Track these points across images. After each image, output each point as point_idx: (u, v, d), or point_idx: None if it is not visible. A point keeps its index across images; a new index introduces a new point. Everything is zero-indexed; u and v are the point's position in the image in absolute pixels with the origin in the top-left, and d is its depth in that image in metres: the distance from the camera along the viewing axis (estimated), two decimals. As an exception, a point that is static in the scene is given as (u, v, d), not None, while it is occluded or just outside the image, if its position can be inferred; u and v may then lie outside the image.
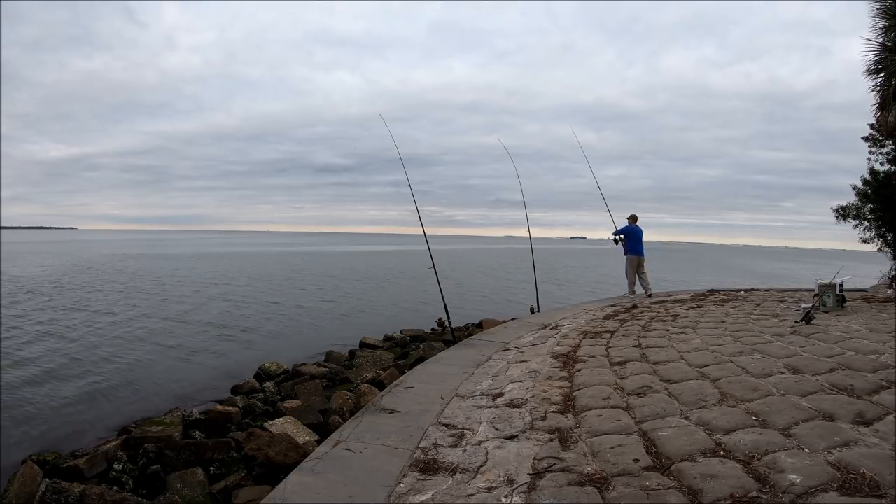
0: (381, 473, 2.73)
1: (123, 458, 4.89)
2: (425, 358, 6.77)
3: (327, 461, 2.91)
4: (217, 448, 5.04)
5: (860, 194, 10.89)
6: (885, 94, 7.65)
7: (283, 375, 8.29)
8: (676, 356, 4.69)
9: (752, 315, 6.98)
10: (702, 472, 2.40)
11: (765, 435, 2.75)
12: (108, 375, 8.53)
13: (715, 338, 5.40)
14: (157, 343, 10.97)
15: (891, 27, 7.54)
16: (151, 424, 5.60)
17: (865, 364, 3.85)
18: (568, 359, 4.96)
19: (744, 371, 3.96)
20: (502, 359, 5.30)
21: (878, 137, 10.30)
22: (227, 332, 12.37)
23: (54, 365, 9.03)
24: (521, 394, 3.94)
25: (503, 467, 2.70)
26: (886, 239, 10.69)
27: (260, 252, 58.12)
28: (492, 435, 3.17)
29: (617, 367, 4.48)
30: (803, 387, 3.44)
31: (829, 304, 6.79)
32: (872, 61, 7.71)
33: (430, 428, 3.37)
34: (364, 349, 10.09)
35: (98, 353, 9.97)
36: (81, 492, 4.10)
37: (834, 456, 2.44)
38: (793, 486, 2.20)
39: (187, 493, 4.36)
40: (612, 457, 2.69)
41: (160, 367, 9.12)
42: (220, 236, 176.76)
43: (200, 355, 10.14)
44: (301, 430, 5.29)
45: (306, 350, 10.55)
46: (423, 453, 2.96)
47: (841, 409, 2.98)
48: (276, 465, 4.47)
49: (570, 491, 2.38)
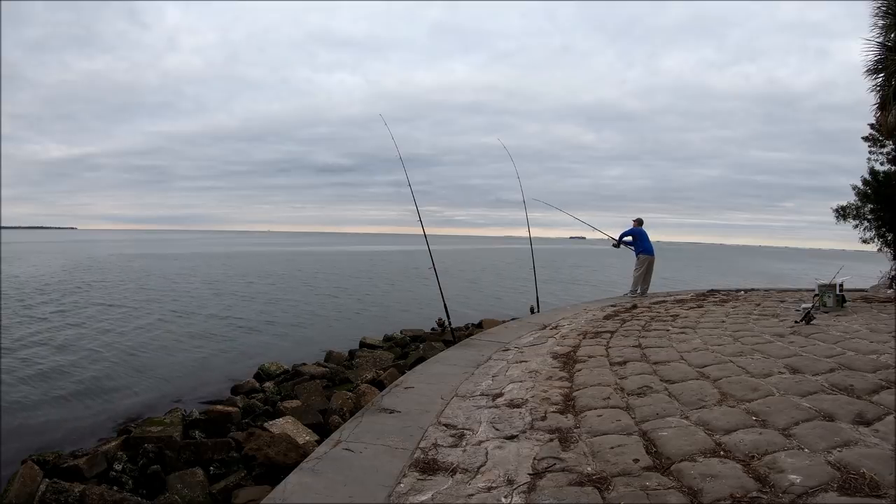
0: (381, 473, 2.73)
1: (123, 458, 4.89)
2: (425, 358, 6.76)
3: (327, 461, 2.91)
4: (217, 448, 5.03)
5: (860, 194, 10.89)
6: (885, 94, 7.65)
7: (283, 375, 8.29)
8: (676, 356, 4.69)
9: (752, 315, 6.98)
10: (702, 472, 2.40)
11: (765, 435, 2.75)
12: (109, 375, 8.53)
13: (715, 338, 5.40)
14: (158, 343, 10.98)
15: (891, 27, 7.53)
16: (151, 424, 5.60)
17: (865, 364, 3.85)
18: (568, 359, 4.96)
19: (744, 371, 3.96)
20: (502, 359, 5.29)
21: (878, 137, 10.30)
22: (227, 333, 12.37)
23: (54, 364, 9.03)
24: (521, 394, 3.94)
25: (503, 467, 2.70)
26: (886, 239, 10.69)
27: (259, 252, 58.11)
28: (492, 435, 3.17)
29: (617, 367, 4.48)
30: (803, 387, 3.44)
31: (829, 304, 6.79)
32: (872, 61, 7.71)
33: (430, 428, 3.37)
34: (364, 349, 10.09)
35: (98, 352, 9.97)
36: (81, 492, 4.10)
37: (834, 456, 2.44)
38: (793, 486, 2.20)
39: (187, 493, 4.36)
40: (612, 457, 2.69)
41: (160, 367, 9.11)
42: (219, 236, 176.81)
43: (200, 355, 10.14)
44: (301, 430, 5.28)
45: (306, 350, 10.55)
46: (423, 453, 2.96)
47: (841, 409, 2.98)
48: (276, 465, 4.47)
49: (570, 491, 2.38)
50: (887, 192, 10.18)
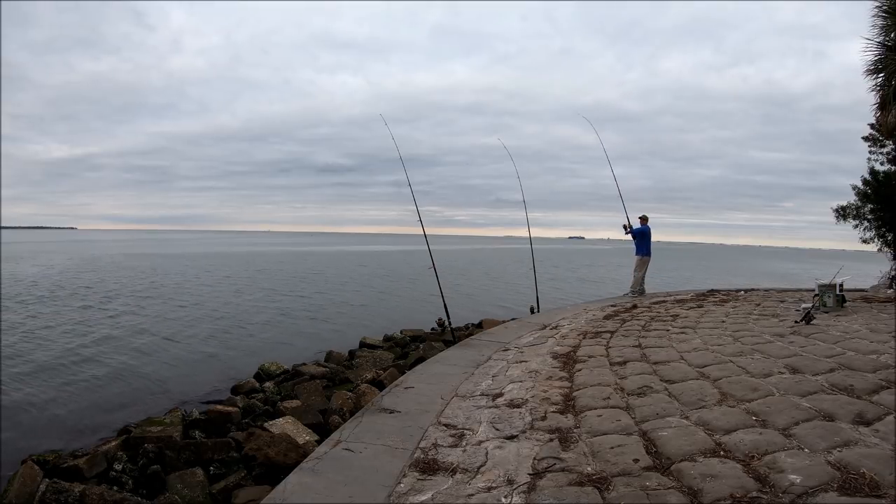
0: (381, 473, 2.73)
1: (123, 458, 4.89)
2: (425, 358, 6.76)
3: (327, 461, 2.91)
4: (217, 448, 5.03)
5: (860, 194, 10.89)
6: (885, 94, 7.63)
7: (283, 375, 8.29)
8: (676, 356, 4.69)
9: (752, 315, 6.98)
10: (702, 472, 2.40)
11: (765, 435, 2.75)
12: (109, 375, 8.53)
13: (715, 338, 5.40)
14: (158, 343, 10.97)
15: (891, 26, 7.52)
16: (151, 424, 5.60)
17: (865, 364, 3.85)
18: (568, 359, 4.96)
19: (744, 371, 3.96)
20: (502, 359, 5.29)
21: (878, 137, 10.29)
22: (227, 333, 12.37)
23: (54, 365, 9.02)
24: (521, 394, 3.94)
25: (503, 467, 2.70)
26: (886, 239, 10.69)
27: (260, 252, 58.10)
28: (492, 435, 3.17)
29: (617, 367, 4.48)
30: (803, 387, 3.44)
31: (829, 304, 6.79)
32: (872, 61, 7.69)
33: (430, 428, 3.37)
34: (364, 349, 10.09)
35: (98, 352, 9.97)
36: (81, 492, 4.10)
37: (834, 456, 2.44)
38: (793, 486, 2.20)
39: (187, 493, 4.36)
40: (612, 457, 2.69)
41: (160, 367, 9.11)
42: (220, 236, 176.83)
43: (201, 355, 10.14)
44: (301, 430, 5.28)
45: (306, 350, 10.56)
46: (423, 453, 2.96)
47: (841, 409, 2.98)
48: (276, 465, 4.47)
49: (570, 491, 2.38)
50: (887, 192, 10.18)
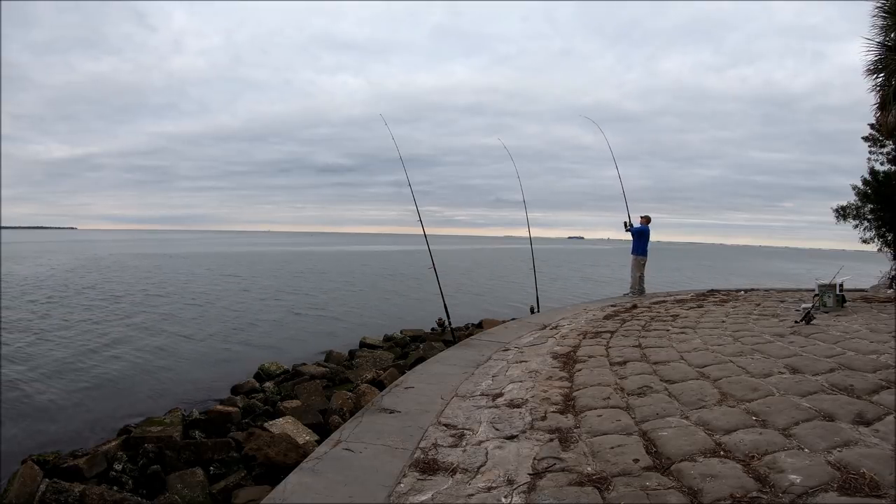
0: (381, 473, 2.73)
1: (123, 458, 4.89)
2: (425, 358, 6.76)
3: (327, 461, 2.91)
4: (217, 448, 5.04)
5: (860, 194, 10.89)
6: (885, 94, 7.62)
7: (283, 375, 8.29)
8: (676, 356, 4.68)
9: (752, 315, 6.97)
10: (702, 472, 2.41)
11: (765, 435, 2.75)
12: (109, 375, 8.53)
13: (715, 338, 5.40)
14: (158, 343, 10.96)
15: (890, 26, 7.51)
16: (151, 424, 5.60)
17: (865, 364, 3.85)
18: (568, 359, 4.96)
19: (744, 371, 3.96)
20: (502, 359, 5.29)
21: (878, 137, 10.29)
22: (227, 332, 12.36)
23: (54, 365, 9.02)
24: (521, 394, 3.94)
25: (503, 467, 2.70)
26: (886, 239, 10.69)
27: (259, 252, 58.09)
28: (492, 435, 3.17)
29: (617, 367, 4.48)
30: (803, 387, 3.44)
31: (829, 304, 6.79)
32: (872, 61, 7.69)
33: (430, 428, 3.37)
34: (364, 349, 10.09)
35: (98, 352, 9.97)
36: (81, 492, 4.11)
37: (834, 456, 2.44)
38: (793, 486, 2.20)
39: (187, 493, 4.36)
40: (612, 457, 2.69)
41: (160, 367, 9.11)
42: (220, 236, 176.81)
43: (200, 355, 10.14)
44: (301, 430, 5.29)
45: (306, 350, 10.55)
46: (423, 453, 2.96)
47: (841, 409, 2.98)
48: (276, 465, 4.47)
49: (570, 491, 2.38)
50: (887, 192, 10.18)
